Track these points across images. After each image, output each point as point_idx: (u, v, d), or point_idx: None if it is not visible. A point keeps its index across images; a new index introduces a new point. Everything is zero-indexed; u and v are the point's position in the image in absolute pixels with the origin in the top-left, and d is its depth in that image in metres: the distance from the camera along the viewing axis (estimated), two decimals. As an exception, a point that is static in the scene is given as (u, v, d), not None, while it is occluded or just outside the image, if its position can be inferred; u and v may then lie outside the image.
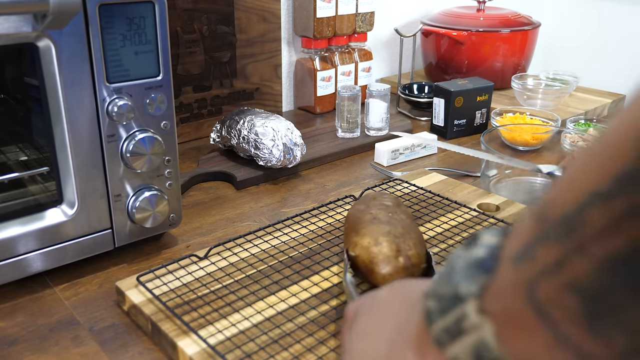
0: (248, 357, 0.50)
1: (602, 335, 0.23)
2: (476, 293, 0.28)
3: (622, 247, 0.21)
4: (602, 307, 0.22)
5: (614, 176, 0.22)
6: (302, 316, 0.56)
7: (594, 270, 0.22)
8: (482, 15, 1.38)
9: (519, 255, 0.26)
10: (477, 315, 0.27)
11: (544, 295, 0.24)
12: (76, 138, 0.61)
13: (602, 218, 0.22)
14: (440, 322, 0.29)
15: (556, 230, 0.24)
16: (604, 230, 0.22)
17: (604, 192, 0.22)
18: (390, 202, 0.63)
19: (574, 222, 0.23)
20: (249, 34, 1.14)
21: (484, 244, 0.30)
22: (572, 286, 0.23)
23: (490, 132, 0.92)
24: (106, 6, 0.58)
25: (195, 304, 0.58)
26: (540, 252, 0.25)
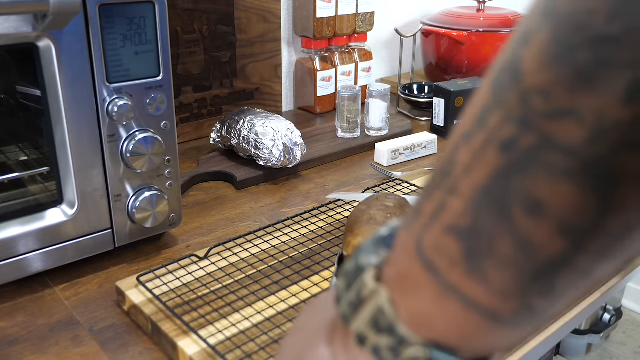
0: (248, 357, 0.50)
1: (479, 273, 0.24)
2: (375, 264, 0.28)
3: (483, 177, 0.23)
4: (475, 242, 0.24)
5: (474, 115, 0.24)
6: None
7: (465, 206, 0.24)
8: (482, 15, 1.38)
9: (410, 218, 0.27)
10: (373, 282, 0.28)
11: (429, 246, 0.25)
12: (76, 138, 0.61)
13: (466, 154, 0.24)
14: (345, 297, 0.29)
15: (436, 180, 0.26)
16: (469, 164, 0.24)
17: (468, 132, 0.24)
18: (392, 203, 0.63)
19: (447, 166, 0.25)
20: (249, 34, 1.14)
21: (389, 225, 0.31)
22: (450, 228, 0.24)
23: (490, 132, 0.92)
24: (106, 6, 0.58)
25: (195, 304, 0.58)
26: (425, 206, 0.26)
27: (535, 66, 0.21)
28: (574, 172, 0.21)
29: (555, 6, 0.21)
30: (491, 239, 0.23)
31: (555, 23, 0.21)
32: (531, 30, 0.22)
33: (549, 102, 0.21)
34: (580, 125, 0.20)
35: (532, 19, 0.23)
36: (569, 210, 0.21)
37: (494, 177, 0.23)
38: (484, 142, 0.23)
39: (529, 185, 0.22)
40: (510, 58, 0.23)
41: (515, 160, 0.22)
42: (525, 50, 0.22)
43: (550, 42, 0.21)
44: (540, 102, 0.21)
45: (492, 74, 0.24)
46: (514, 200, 0.22)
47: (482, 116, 0.24)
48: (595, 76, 0.20)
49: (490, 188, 0.23)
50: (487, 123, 0.23)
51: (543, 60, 0.21)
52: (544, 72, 0.21)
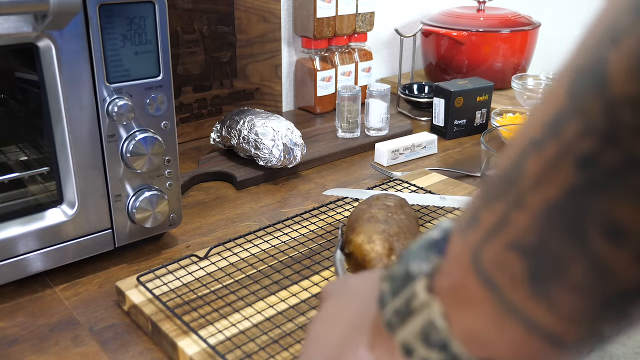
0: (248, 357, 0.50)
1: (545, 295, 0.22)
2: (427, 272, 0.27)
3: (556, 193, 0.21)
4: (543, 262, 0.22)
5: (547, 122, 0.21)
6: (302, 316, 0.56)
7: (532, 222, 0.22)
8: (482, 15, 1.38)
9: (465, 224, 0.25)
10: (425, 293, 0.26)
11: (488, 261, 0.23)
12: (76, 138, 0.61)
13: (536, 165, 0.22)
14: (391, 304, 0.28)
15: (498, 188, 0.23)
16: (539, 178, 0.21)
17: (538, 139, 0.22)
18: (393, 202, 0.63)
19: (513, 175, 0.23)
20: (249, 34, 1.14)
21: (440, 227, 0.29)
22: (513, 244, 0.22)
23: (490, 132, 0.92)
24: (106, 6, 0.58)
25: (195, 304, 0.58)
26: (485, 216, 0.24)
27: (625, 73, 0.19)
28: None
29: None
30: (562, 261, 0.21)
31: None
32: (620, 29, 0.19)
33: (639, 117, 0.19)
34: None
35: (619, 14, 0.20)
36: None
37: (569, 195, 0.21)
38: (558, 154, 0.21)
39: (610, 208, 0.20)
40: (593, 58, 0.20)
41: (595, 178, 0.20)
42: (613, 52, 0.19)
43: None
44: (629, 115, 0.19)
45: (569, 74, 0.21)
46: (591, 222, 0.20)
47: (557, 123, 0.21)
48: None
49: (564, 206, 0.21)
50: (563, 133, 0.21)
51: (635, 67, 0.18)
52: (635, 82, 0.18)
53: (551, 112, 0.21)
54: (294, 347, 0.52)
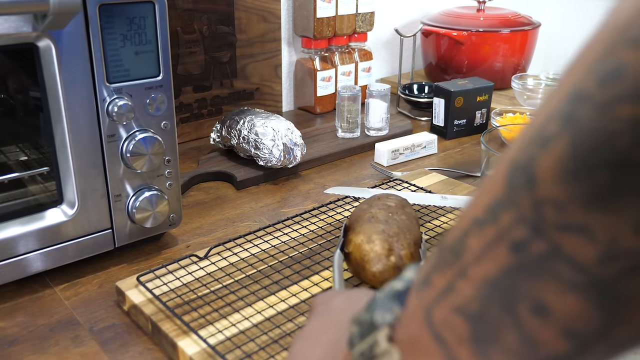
0: (248, 357, 0.50)
1: (485, 357, 0.24)
2: (389, 321, 0.30)
3: (493, 270, 0.24)
4: (483, 328, 0.24)
5: (487, 206, 0.24)
6: (302, 316, 0.56)
7: (474, 292, 0.24)
8: (482, 15, 1.38)
9: (420, 283, 0.28)
10: (386, 342, 0.29)
11: (438, 320, 0.26)
12: (76, 138, 0.61)
13: (478, 243, 0.24)
14: (358, 346, 0.31)
15: (447, 256, 0.26)
16: (480, 254, 0.24)
17: (480, 220, 0.24)
18: (393, 202, 0.63)
19: (458, 247, 0.25)
20: (249, 34, 1.14)
21: (404, 278, 0.31)
22: (458, 309, 0.25)
23: (490, 132, 0.92)
24: (106, 6, 0.58)
25: (195, 304, 0.58)
26: (435, 278, 0.27)
27: (550, 177, 0.21)
28: (581, 286, 0.21)
29: (578, 115, 0.21)
30: (497, 329, 0.24)
31: (575, 135, 0.20)
32: (549, 134, 0.21)
33: (562, 216, 0.21)
34: (592, 244, 0.20)
35: (549, 119, 0.22)
36: (575, 318, 0.21)
37: (504, 274, 0.23)
38: (495, 237, 0.23)
39: (537, 289, 0.22)
40: (526, 157, 0.22)
41: (525, 262, 0.22)
42: (542, 155, 0.21)
43: (569, 156, 0.20)
44: (552, 213, 0.21)
45: (507, 164, 0.24)
46: (521, 299, 0.23)
47: (495, 210, 0.24)
48: (612, 201, 0.20)
49: (500, 282, 0.23)
50: (500, 219, 0.23)
51: (559, 173, 0.21)
52: (559, 186, 0.21)
53: (491, 197, 0.24)
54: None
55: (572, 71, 0.22)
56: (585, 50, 0.22)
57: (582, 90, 0.21)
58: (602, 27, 0.22)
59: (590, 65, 0.21)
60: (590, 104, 0.20)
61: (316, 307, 0.42)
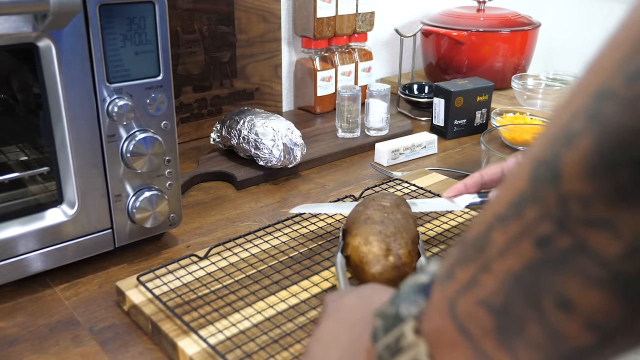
0: (248, 357, 0.50)
1: (509, 348, 0.25)
2: (415, 314, 0.30)
3: (517, 265, 0.24)
4: (507, 321, 0.25)
5: (511, 202, 0.24)
6: (302, 316, 0.56)
7: (498, 286, 0.25)
8: (482, 15, 1.38)
9: (443, 276, 0.29)
10: (413, 334, 0.29)
11: (462, 312, 0.27)
12: (76, 138, 0.61)
13: (501, 238, 0.25)
14: (383, 340, 0.31)
15: (470, 251, 0.27)
16: (504, 249, 0.25)
17: (503, 215, 0.25)
18: (389, 202, 0.63)
19: (482, 242, 0.26)
20: (249, 34, 1.14)
21: (427, 271, 0.32)
22: (483, 302, 0.26)
23: (490, 132, 0.92)
24: (106, 6, 0.58)
25: (195, 304, 0.58)
26: (459, 272, 0.27)
27: (575, 172, 0.21)
28: (605, 281, 0.21)
29: (603, 113, 0.21)
30: (522, 322, 0.24)
31: (600, 132, 0.21)
32: (575, 131, 0.22)
33: (587, 211, 0.21)
34: (617, 239, 0.21)
35: (574, 116, 0.22)
36: (598, 312, 0.22)
37: (528, 268, 0.23)
38: (520, 232, 0.24)
39: (561, 284, 0.22)
40: (551, 153, 0.23)
41: (549, 257, 0.23)
42: (567, 151, 0.22)
43: (593, 153, 0.21)
44: (578, 208, 0.21)
45: (532, 160, 0.24)
46: (545, 293, 0.23)
47: (519, 205, 0.24)
48: (636, 196, 0.20)
49: (524, 277, 0.24)
50: (524, 214, 0.23)
51: (584, 169, 0.21)
52: (584, 181, 0.21)
53: (515, 193, 0.24)
54: (294, 347, 0.52)
55: (597, 70, 0.22)
56: (609, 49, 0.22)
57: (608, 88, 0.21)
58: (625, 25, 0.22)
59: (616, 64, 0.21)
60: (616, 101, 0.20)
61: (326, 306, 0.43)
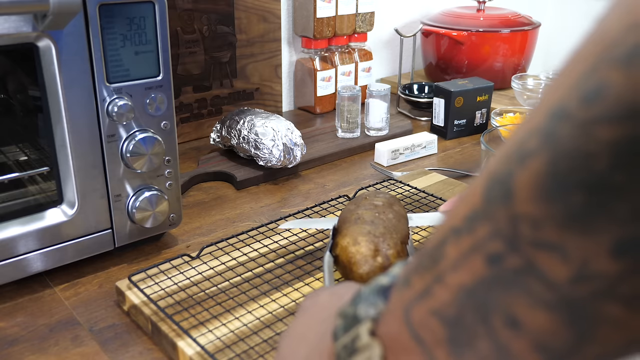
0: (237, 357, 0.50)
1: (460, 358, 0.25)
2: (372, 316, 0.30)
3: (469, 279, 0.24)
4: (459, 333, 0.25)
5: (465, 216, 0.24)
6: (292, 316, 0.56)
7: (450, 298, 0.25)
8: (482, 15, 1.38)
9: (402, 282, 0.29)
10: (368, 336, 0.29)
11: (417, 320, 0.27)
12: (76, 138, 0.61)
13: (454, 252, 0.25)
14: (342, 339, 0.31)
15: (426, 261, 0.27)
16: (456, 263, 0.24)
17: (457, 229, 0.25)
18: (381, 201, 0.62)
19: (437, 253, 0.26)
20: (249, 34, 1.14)
21: (390, 274, 0.32)
22: (436, 312, 0.25)
23: (490, 132, 0.92)
24: (106, 6, 0.58)
25: (186, 304, 0.57)
26: (415, 280, 0.27)
27: (527, 194, 0.21)
28: (552, 303, 0.21)
29: (557, 134, 0.20)
30: (472, 336, 0.24)
31: (554, 154, 0.20)
32: (528, 151, 0.21)
33: (536, 233, 0.21)
34: (565, 263, 0.20)
35: (529, 134, 0.22)
36: (546, 334, 0.22)
37: (479, 284, 0.23)
38: (471, 248, 0.24)
39: (510, 302, 0.22)
40: (504, 170, 0.22)
41: (499, 275, 0.22)
42: (520, 170, 0.21)
43: (546, 175, 0.20)
44: (528, 230, 0.21)
45: (486, 176, 0.24)
46: (495, 309, 0.23)
47: (472, 221, 0.24)
48: (587, 222, 0.20)
49: (475, 292, 0.24)
50: (476, 231, 0.23)
51: (536, 191, 0.21)
52: (534, 203, 0.21)
53: (469, 208, 0.24)
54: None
55: (556, 87, 0.21)
56: (570, 65, 0.21)
57: (563, 108, 0.20)
58: (588, 40, 0.21)
59: (574, 83, 0.20)
60: (571, 123, 0.20)
61: (302, 303, 0.43)
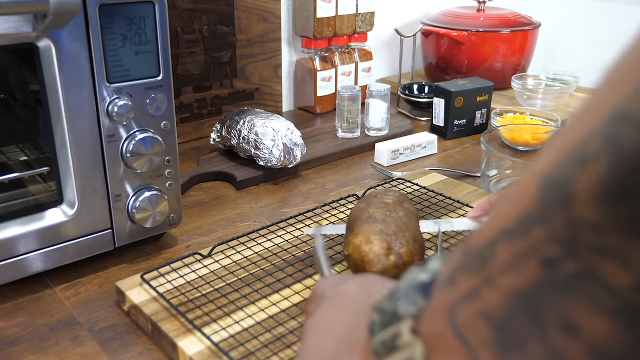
0: (251, 354, 0.50)
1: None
2: (413, 314, 0.30)
3: (522, 283, 0.23)
4: (508, 336, 0.24)
5: (517, 217, 0.23)
6: (303, 315, 0.56)
7: (500, 301, 0.24)
8: (482, 15, 1.38)
9: (445, 281, 0.28)
10: (410, 334, 0.29)
11: (462, 321, 0.26)
12: (76, 138, 0.61)
13: (506, 254, 0.24)
14: (379, 334, 0.31)
15: (473, 261, 0.26)
16: (508, 265, 0.24)
17: (509, 230, 0.24)
18: (391, 199, 0.63)
19: (486, 254, 0.25)
20: (249, 34, 1.14)
21: (428, 269, 0.31)
22: (483, 314, 0.25)
23: (490, 132, 0.92)
24: (106, 6, 0.58)
25: (198, 302, 0.58)
26: (460, 280, 0.27)
27: (588, 198, 0.20)
28: (612, 309, 0.21)
29: (619, 137, 0.20)
30: (523, 340, 0.23)
31: (617, 157, 0.20)
32: (589, 153, 0.21)
33: (597, 238, 0.20)
34: (628, 270, 0.20)
35: (590, 137, 0.21)
36: (604, 339, 0.21)
37: (533, 288, 0.23)
38: (526, 251, 0.23)
39: (567, 307, 0.22)
40: (562, 173, 0.22)
41: (555, 279, 0.22)
42: (580, 174, 0.21)
43: (608, 179, 0.20)
44: (589, 235, 0.20)
45: (541, 177, 0.23)
46: (549, 314, 0.22)
47: (526, 223, 0.23)
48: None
49: (528, 296, 0.23)
50: (531, 233, 0.23)
51: (598, 195, 0.20)
52: (597, 208, 0.20)
53: (521, 209, 0.23)
54: (297, 345, 0.52)
55: (614, 85, 0.21)
56: (629, 63, 0.21)
57: (626, 110, 0.20)
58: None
59: (636, 83, 0.20)
60: (634, 126, 0.19)
61: (326, 292, 0.42)
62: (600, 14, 1.67)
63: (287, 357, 0.51)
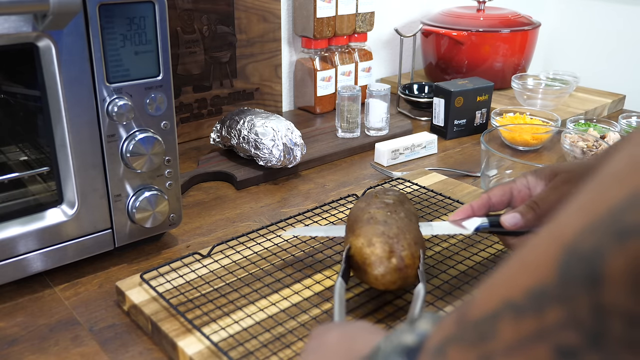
0: (251, 354, 0.50)
1: None
2: None
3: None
4: None
5: (529, 291, 0.20)
6: (304, 314, 0.56)
7: None
8: (482, 15, 1.38)
9: (434, 351, 0.25)
10: None
11: None
12: (76, 138, 0.61)
13: (511, 333, 0.21)
14: None
15: (469, 333, 0.23)
16: (512, 346, 0.21)
17: (517, 305, 0.20)
18: (392, 199, 0.62)
19: (486, 329, 0.22)
20: (249, 34, 1.14)
21: (416, 331, 0.29)
22: None
23: (490, 132, 0.92)
24: (106, 6, 0.58)
25: (198, 302, 0.58)
26: (452, 352, 0.24)
27: (623, 280, 0.17)
28: None
29: None
30: None
31: None
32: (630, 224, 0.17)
33: (632, 331, 0.17)
34: None
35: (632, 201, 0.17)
36: None
37: None
38: (538, 333, 0.19)
39: None
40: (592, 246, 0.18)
41: None
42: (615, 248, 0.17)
43: None
44: (619, 326, 0.17)
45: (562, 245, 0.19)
46: None
47: (540, 299, 0.19)
48: None
49: None
50: (546, 314, 0.19)
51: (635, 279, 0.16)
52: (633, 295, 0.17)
53: (535, 280, 0.20)
54: (297, 345, 0.52)
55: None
56: None
57: None
58: None
59: None
60: None
61: (310, 341, 0.41)
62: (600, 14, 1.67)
63: (287, 357, 0.51)
